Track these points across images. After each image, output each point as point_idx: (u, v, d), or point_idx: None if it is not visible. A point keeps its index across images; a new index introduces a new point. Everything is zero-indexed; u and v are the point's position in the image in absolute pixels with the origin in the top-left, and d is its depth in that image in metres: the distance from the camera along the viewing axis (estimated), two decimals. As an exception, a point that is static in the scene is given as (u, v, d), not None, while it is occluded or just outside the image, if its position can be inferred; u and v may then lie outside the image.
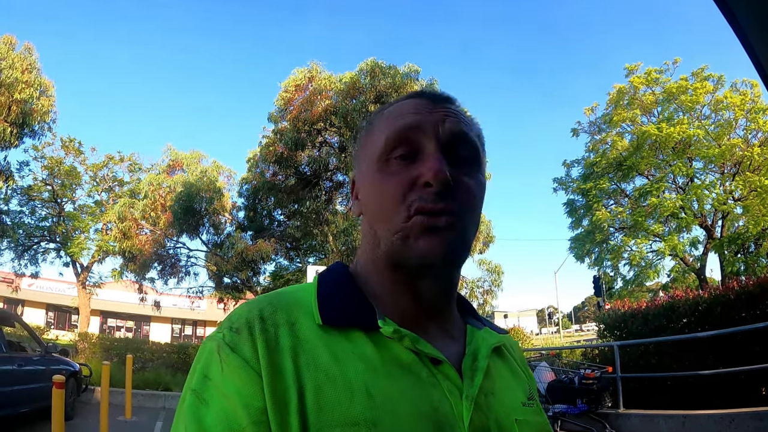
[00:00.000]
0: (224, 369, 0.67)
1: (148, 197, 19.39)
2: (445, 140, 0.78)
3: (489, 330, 0.88)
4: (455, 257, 0.77)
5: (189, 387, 0.69)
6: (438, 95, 0.85)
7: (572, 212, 23.24)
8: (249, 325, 0.70)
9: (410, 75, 16.38)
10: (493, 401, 0.76)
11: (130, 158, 26.98)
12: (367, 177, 0.82)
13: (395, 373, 0.71)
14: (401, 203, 0.74)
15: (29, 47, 18.80)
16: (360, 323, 0.74)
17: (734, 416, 6.11)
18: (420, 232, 0.73)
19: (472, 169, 0.80)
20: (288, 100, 17.22)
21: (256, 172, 19.08)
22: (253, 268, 19.10)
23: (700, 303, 8.24)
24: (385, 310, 0.77)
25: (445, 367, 0.75)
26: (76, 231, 25.46)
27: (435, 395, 0.71)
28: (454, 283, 0.85)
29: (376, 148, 0.81)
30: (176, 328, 46.41)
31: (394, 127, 0.79)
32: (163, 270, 20.68)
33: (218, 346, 0.69)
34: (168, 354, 16.57)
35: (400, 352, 0.74)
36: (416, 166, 0.76)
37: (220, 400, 0.65)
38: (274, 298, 0.77)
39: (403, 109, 0.82)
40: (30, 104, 18.36)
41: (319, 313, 0.74)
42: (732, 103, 19.31)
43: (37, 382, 7.95)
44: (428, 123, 0.78)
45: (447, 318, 0.85)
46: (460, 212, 0.75)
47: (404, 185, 0.75)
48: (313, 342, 0.70)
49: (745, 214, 18.75)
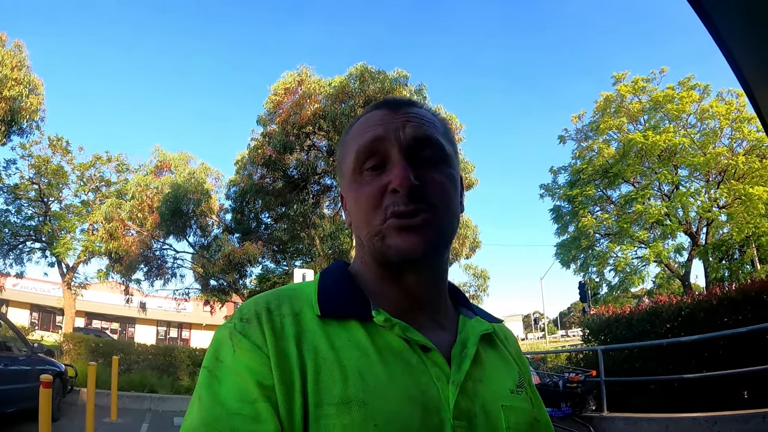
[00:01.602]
0: (236, 351, 0.74)
1: (135, 198, 19.30)
2: (407, 145, 0.83)
3: (479, 319, 0.93)
4: (433, 251, 0.82)
5: (203, 366, 0.76)
6: (398, 102, 0.91)
7: (558, 218, 23.39)
8: (258, 316, 0.77)
9: (399, 80, 16.43)
10: (480, 387, 0.81)
11: (118, 158, 26.83)
12: (348, 190, 0.88)
13: (387, 358, 0.77)
14: (377, 209, 0.81)
15: (19, 44, 18.62)
16: (355, 314, 0.81)
17: (717, 419, 6.17)
18: (396, 230, 0.79)
19: (439, 166, 0.85)
20: (277, 103, 17.23)
21: (244, 174, 19.03)
22: (239, 271, 19.02)
23: (684, 308, 8.32)
24: (379, 303, 0.83)
25: (434, 354, 0.80)
26: (62, 231, 25.25)
27: (423, 380, 0.77)
28: (439, 275, 0.90)
29: (349, 162, 0.87)
30: (161, 330, 45.96)
31: (362, 141, 0.86)
32: (149, 271, 20.59)
33: (230, 333, 0.77)
34: (154, 356, 16.39)
35: (392, 340, 0.79)
36: (386, 174, 0.82)
37: (232, 377, 0.72)
38: (280, 293, 0.84)
39: (368, 122, 0.88)
40: (19, 102, 18.16)
41: (318, 305, 0.81)
42: (717, 112, 19.56)
43: (23, 382, 7.85)
44: (391, 131, 0.84)
45: (438, 309, 0.90)
46: (434, 209, 0.81)
47: (377, 193, 0.81)
48: (314, 331, 0.78)
49: (730, 222, 18.93)
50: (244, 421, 0.68)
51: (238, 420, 0.68)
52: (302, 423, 0.70)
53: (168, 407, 11.79)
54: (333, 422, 0.69)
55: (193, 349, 17.56)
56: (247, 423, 0.68)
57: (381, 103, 0.92)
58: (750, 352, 6.69)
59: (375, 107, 0.91)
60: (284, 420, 0.69)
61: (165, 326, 46.28)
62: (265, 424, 0.68)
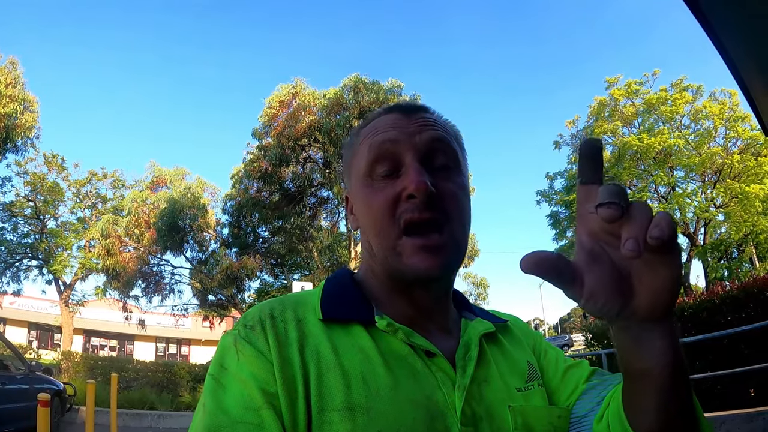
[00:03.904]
0: (240, 358, 0.74)
1: (131, 214, 19.33)
2: (423, 151, 0.82)
3: (480, 320, 0.92)
4: (449, 270, 0.83)
5: (208, 374, 0.76)
6: (412, 106, 0.89)
7: (556, 224, 23.49)
8: (261, 322, 0.77)
9: (393, 90, 16.54)
10: (486, 389, 0.80)
11: (114, 174, 26.71)
12: (358, 194, 0.86)
13: (391, 363, 0.76)
14: (391, 217, 0.79)
15: (14, 61, 18.66)
16: (358, 317, 0.80)
17: (725, 419, 6.13)
18: (413, 251, 0.77)
19: (453, 174, 0.84)
20: (272, 116, 17.29)
21: (241, 188, 19.08)
22: (237, 285, 19.04)
23: (686, 309, 8.29)
24: (383, 309, 0.82)
25: (439, 360, 0.79)
26: (59, 248, 25.08)
27: (428, 385, 0.76)
28: (449, 287, 0.89)
29: (361, 166, 0.85)
30: (161, 346, 45.86)
31: (375, 145, 0.83)
32: (147, 288, 20.52)
33: (234, 339, 0.76)
34: (153, 373, 16.38)
35: (396, 345, 0.79)
36: (400, 180, 0.80)
37: (237, 384, 0.71)
38: (284, 299, 0.84)
39: (380, 125, 0.86)
40: (14, 119, 18.17)
41: (321, 309, 0.80)
42: (711, 112, 19.67)
43: (21, 401, 7.81)
44: (405, 136, 0.82)
45: (443, 315, 0.88)
46: (448, 220, 0.79)
47: (391, 200, 0.79)
48: (317, 335, 0.77)
49: (727, 221, 19.03)
50: (248, 429, 0.67)
51: (242, 428, 0.67)
52: (306, 429, 0.69)
53: (168, 424, 11.72)
54: (336, 428, 0.68)
55: (193, 365, 17.54)
56: (251, 431, 0.67)
57: (393, 106, 0.90)
58: (755, 350, 6.68)
59: (387, 110, 0.89)
60: (288, 426, 0.69)
61: (164, 342, 46.16)
62: (269, 431, 0.67)
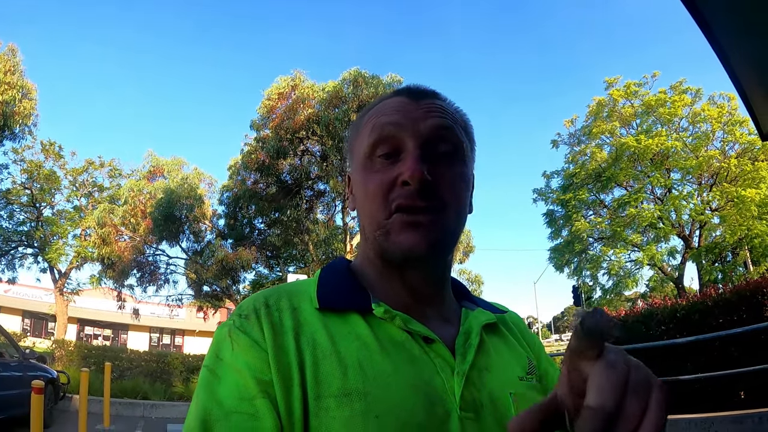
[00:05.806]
0: (235, 348, 0.73)
1: (128, 203, 19.26)
2: (426, 137, 0.81)
3: (482, 310, 0.91)
4: (438, 250, 0.81)
5: (204, 365, 0.76)
6: (421, 91, 0.87)
7: (552, 222, 23.49)
8: (256, 312, 0.77)
9: (393, 85, 16.51)
10: (487, 376, 0.80)
11: (111, 164, 26.66)
12: (357, 175, 0.86)
13: (388, 349, 0.76)
14: (384, 200, 0.79)
15: (13, 48, 18.59)
16: (355, 306, 0.80)
17: (713, 420, 6.17)
18: (400, 227, 0.77)
19: (454, 163, 0.83)
20: (271, 108, 17.23)
21: (238, 179, 19.03)
22: (233, 277, 19.02)
23: (678, 311, 8.31)
24: (380, 296, 0.82)
25: (437, 346, 0.79)
26: (55, 236, 25.03)
27: (427, 371, 0.76)
28: (443, 271, 0.88)
29: (362, 146, 0.85)
30: (154, 336, 45.74)
31: (378, 127, 0.83)
32: (142, 277, 20.46)
33: (229, 330, 0.76)
34: (147, 362, 16.33)
35: (393, 332, 0.78)
36: (398, 165, 0.80)
37: (232, 374, 0.71)
38: (279, 288, 0.84)
39: (386, 107, 0.85)
40: (12, 106, 18.12)
41: (317, 298, 0.80)
42: (709, 115, 19.69)
43: (14, 389, 7.80)
44: (409, 121, 0.81)
45: (441, 303, 0.88)
46: (443, 207, 0.79)
47: (386, 184, 0.79)
48: (312, 323, 0.77)
49: (722, 224, 19.03)
50: (243, 419, 0.67)
51: (236, 418, 0.67)
52: (302, 417, 0.69)
53: (161, 414, 11.73)
54: (333, 414, 0.68)
55: (187, 355, 17.49)
56: (245, 421, 0.67)
57: (403, 89, 0.89)
58: (745, 353, 6.71)
59: (396, 93, 0.89)
60: (283, 414, 0.68)
61: (158, 332, 46.04)
62: (263, 420, 0.67)
